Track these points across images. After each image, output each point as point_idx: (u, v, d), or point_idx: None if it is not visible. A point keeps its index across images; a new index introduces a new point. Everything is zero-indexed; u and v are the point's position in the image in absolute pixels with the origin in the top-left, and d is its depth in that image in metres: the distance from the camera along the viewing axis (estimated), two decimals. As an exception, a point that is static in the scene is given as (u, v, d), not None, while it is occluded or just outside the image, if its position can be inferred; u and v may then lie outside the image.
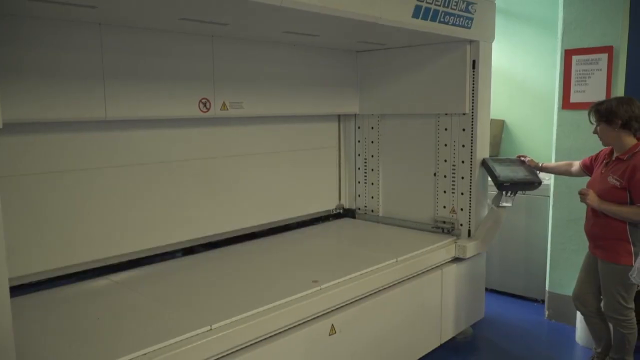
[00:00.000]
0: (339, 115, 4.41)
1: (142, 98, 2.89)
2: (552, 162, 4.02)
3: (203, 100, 3.17)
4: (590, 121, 3.21)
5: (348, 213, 4.55)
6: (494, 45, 3.86)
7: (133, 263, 3.10)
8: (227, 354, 2.28)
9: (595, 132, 3.20)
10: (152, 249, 3.19)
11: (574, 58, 4.04)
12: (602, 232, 3.16)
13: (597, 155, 3.37)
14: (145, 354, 2.03)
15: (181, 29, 2.96)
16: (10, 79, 2.38)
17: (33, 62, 2.48)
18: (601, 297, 3.32)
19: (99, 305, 2.55)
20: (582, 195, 3.17)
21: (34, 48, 2.48)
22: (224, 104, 3.29)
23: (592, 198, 3.13)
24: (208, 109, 3.20)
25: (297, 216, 4.14)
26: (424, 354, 3.50)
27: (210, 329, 2.24)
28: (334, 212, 4.48)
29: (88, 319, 2.39)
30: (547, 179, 4.34)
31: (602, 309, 3.34)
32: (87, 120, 2.73)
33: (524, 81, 5.29)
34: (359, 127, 4.44)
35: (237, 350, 2.32)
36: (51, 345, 2.14)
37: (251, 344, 2.38)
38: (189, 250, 3.41)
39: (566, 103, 4.11)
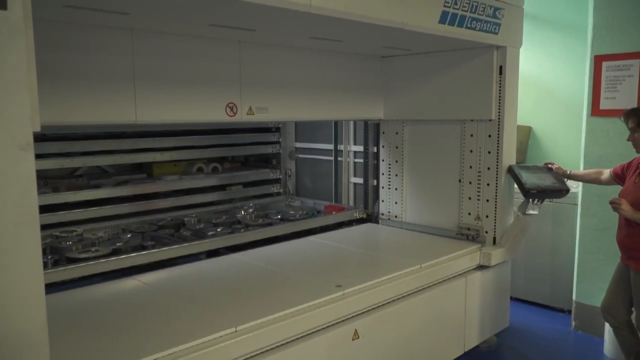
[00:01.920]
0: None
1: (171, 102, 2.95)
2: (581, 170, 3.95)
3: (230, 105, 3.21)
4: (628, 126, 3.13)
5: (371, 218, 4.54)
6: (521, 50, 3.83)
7: (160, 264, 3.15)
8: (252, 356, 2.30)
9: (631, 139, 3.13)
10: (180, 249, 3.24)
11: (604, 64, 3.97)
12: (636, 242, 3.09)
13: (629, 164, 3.30)
14: (171, 354, 2.06)
15: (209, 34, 3.01)
16: (45, 83, 2.45)
17: (67, 67, 2.55)
18: (632, 309, 3.25)
19: (127, 305, 2.60)
20: (615, 204, 3.10)
21: (69, 53, 2.55)
22: (250, 109, 3.33)
23: (626, 207, 3.05)
24: (235, 113, 3.24)
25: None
26: (447, 361, 3.48)
27: (236, 331, 2.26)
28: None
29: (116, 317, 2.44)
30: (575, 186, 4.26)
31: (633, 321, 3.26)
32: (118, 123, 2.80)
33: (551, 87, 5.21)
34: (383, 133, 4.43)
35: (261, 353, 2.34)
36: (80, 342, 2.18)
37: (275, 347, 2.39)
38: (214, 253, 3.45)
39: (595, 110, 4.05)
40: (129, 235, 3.52)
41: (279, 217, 4.16)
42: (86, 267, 2.86)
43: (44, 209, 3.48)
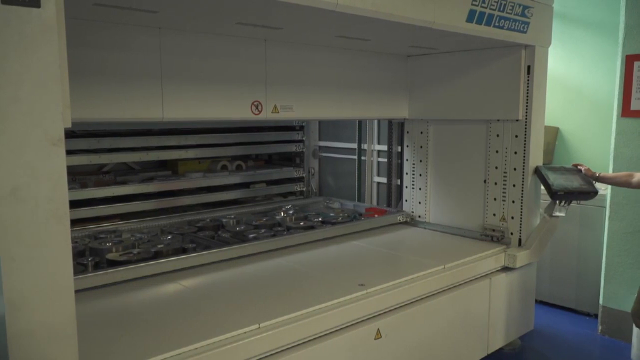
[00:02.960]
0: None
1: (197, 99, 2.98)
2: (610, 172, 3.87)
3: (255, 103, 3.23)
4: None
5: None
6: (550, 49, 3.76)
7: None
8: (274, 353, 2.31)
9: None
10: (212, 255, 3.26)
11: (636, 64, 3.88)
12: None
13: (660, 166, 3.22)
14: (195, 349, 2.09)
15: (236, 32, 3.03)
16: (75, 80, 2.49)
17: (96, 64, 2.60)
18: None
19: (155, 301, 2.63)
20: None
21: (98, 50, 2.60)
22: (275, 107, 3.34)
23: None
24: (260, 112, 3.26)
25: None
26: (470, 363, 3.44)
27: (259, 327, 2.28)
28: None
29: (144, 313, 2.47)
30: (603, 189, 4.18)
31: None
32: (146, 120, 2.84)
33: (580, 87, 5.11)
34: (407, 132, 4.41)
35: (283, 350, 2.35)
36: (109, 336, 2.22)
37: (298, 344, 2.40)
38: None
39: (626, 110, 3.96)
40: (169, 237, 3.47)
41: (320, 219, 4.07)
42: (126, 271, 2.80)
43: (72, 204, 3.53)
